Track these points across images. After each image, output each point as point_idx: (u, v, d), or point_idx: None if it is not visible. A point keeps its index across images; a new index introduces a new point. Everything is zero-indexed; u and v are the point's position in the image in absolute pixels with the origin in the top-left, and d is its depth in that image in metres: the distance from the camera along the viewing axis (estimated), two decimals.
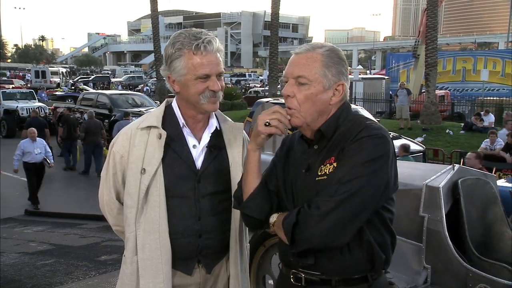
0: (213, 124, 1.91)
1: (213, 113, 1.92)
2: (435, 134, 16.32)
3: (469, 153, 9.07)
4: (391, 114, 21.98)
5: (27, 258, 5.68)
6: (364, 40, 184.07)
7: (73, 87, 35.34)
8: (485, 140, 11.67)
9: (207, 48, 1.75)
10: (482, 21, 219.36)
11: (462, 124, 17.61)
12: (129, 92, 24.23)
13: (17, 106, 19.91)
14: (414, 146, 11.28)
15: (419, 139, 14.48)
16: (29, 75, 47.28)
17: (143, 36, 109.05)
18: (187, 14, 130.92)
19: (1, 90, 22.76)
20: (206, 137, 1.89)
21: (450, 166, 3.08)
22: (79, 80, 41.71)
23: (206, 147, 1.88)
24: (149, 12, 28.03)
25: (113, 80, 46.12)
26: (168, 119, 1.86)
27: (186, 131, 1.86)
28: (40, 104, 20.90)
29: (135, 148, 1.80)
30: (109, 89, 30.31)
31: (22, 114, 19.07)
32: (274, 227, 1.69)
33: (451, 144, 14.34)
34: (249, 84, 43.02)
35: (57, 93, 29.87)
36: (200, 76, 1.76)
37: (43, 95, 25.47)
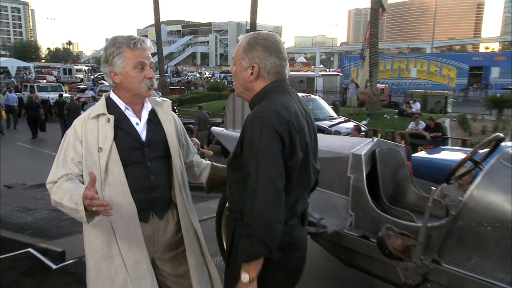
0: (149, 104, 1.90)
1: (147, 98, 1.91)
2: (376, 118, 16.43)
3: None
4: (343, 102, 22.08)
5: (55, 213, 5.64)
6: (325, 45, 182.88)
7: (93, 81, 34.81)
8: (411, 123, 11.87)
9: (142, 45, 1.77)
10: (415, 31, 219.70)
11: (397, 110, 17.78)
12: None
13: (49, 97, 19.74)
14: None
15: (364, 122, 14.63)
16: (56, 72, 46.17)
17: (149, 41, 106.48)
18: (185, 23, 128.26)
19: (36, 84, 22.41)
20: (145, 115, 1.86)
21: (371, 139, 3.13)
22: (98, 76, 40.91)
23: (146, 123, 1.86)
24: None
25: None
26: (111, 107, 1.81)
27: (129, 113, 1.83)
28: (67, 95, 20.58)
29: (89, 133, 1.75)
30: None
31: (53, 103, 18.86)
32: None
33: (387, 125, 14.47)
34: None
35: (80, 86, 29.30)
36: (137, 64, 1.75)
37: (97, 89, 24.52)
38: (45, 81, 32.24)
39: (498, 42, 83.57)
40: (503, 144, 2.47)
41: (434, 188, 2.27)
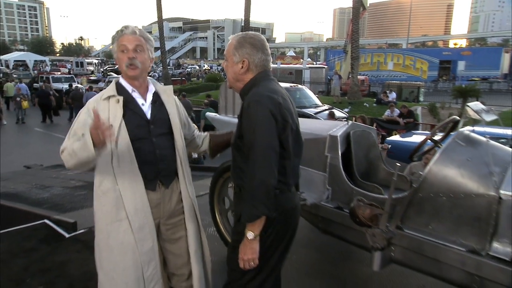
0: (152, 88, 1.92)
1: (150, 82, 1.94)
2: (357, 106, 16.48)
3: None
4: (328, 92, 22.07)
5: (68, 190, 5.67)
6: (312, 40, 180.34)
7: (103, 73, 34.44)
8: (387, 110, 11.93)
9: (124, 31, 1.80)
10: (392, 28, 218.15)
11: (375, 99, 17.81)
12: None
13: (63, 87, 19.54)
14: (341, 114, 11.49)
15: (346, 109, 14.67)
16: (69, 65, 45.60)
17: (153, 36, 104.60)
18: (186, 20, 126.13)
19: (51, 76, 22.19)
20: (149, 97, 1.89)
21: (346, 122, 3.12)
22: (107, 68, 40.36)
23: (151, 103, 1.88)
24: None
25: None
26: (120, 90, 1.84)
27: (135, 95, 1.86)
28: (79, 85, 20.38)
29: (101, 112, 1.75)
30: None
31: (64, 91, 18.80)
32: None
33: (367, 113, 14.49)
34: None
35: (91, 78, 28.95)
36: (121, 47, 1.80)
37: (106, 80, 24.03)
38: (59, 73, 31.86)
39: (465, 39, 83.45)
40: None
41: (399, 164, 2.30)
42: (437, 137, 2.90)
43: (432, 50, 38.46)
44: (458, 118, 2.53)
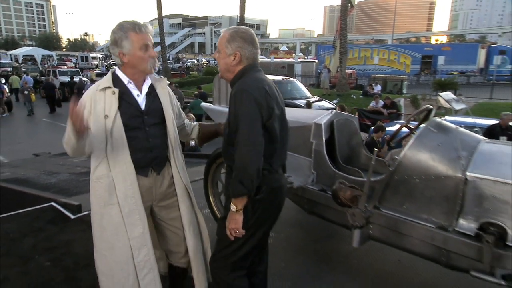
0: (149, 80, 1.89)
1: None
2: (345, 98, 16.47)
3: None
4: (318, 85, 21.98)
5: (74, 176, 5.66)
6: (304, 36, 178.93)
7: (106, 67, 34.04)
8: (372, 101, 11.94)
9: (146, 29, 1.77)
10: (378, 25, 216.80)
11: (361, 91, 17.80)
12: None
13: (68, 80, 19.32)
14: (329, 105, 11.48)
15: (335, 101, 14.67)
16: (74, 59, 45.08)
17: (154, 32, 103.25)
18: (185, 17, 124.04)
19: (58, 69, 22.00)
20: (145, 89, 1.86)
21: (330, 111, 3.10)
22: (111, 62, 39.88)
23: (146, 95, 1.86)
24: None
25: None
26: (116, 81, 1.81)
27: (131, 86, 1.82)
28: (84, 78, 20.20)
29: (97, 103, 1.74)
30: None
31: (65, 83, 18.73)
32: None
33: (354, 104, 14.54)
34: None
35: (96, 71, 28.64)
36: (142, 46, 1.75)
37: None
38: (65, 67, 31.47)
39: (446, 35, 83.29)
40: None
41: (377, 150, 2.32)
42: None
43: (415, 45, 38.44)
44: (431, 107, 2.55)
